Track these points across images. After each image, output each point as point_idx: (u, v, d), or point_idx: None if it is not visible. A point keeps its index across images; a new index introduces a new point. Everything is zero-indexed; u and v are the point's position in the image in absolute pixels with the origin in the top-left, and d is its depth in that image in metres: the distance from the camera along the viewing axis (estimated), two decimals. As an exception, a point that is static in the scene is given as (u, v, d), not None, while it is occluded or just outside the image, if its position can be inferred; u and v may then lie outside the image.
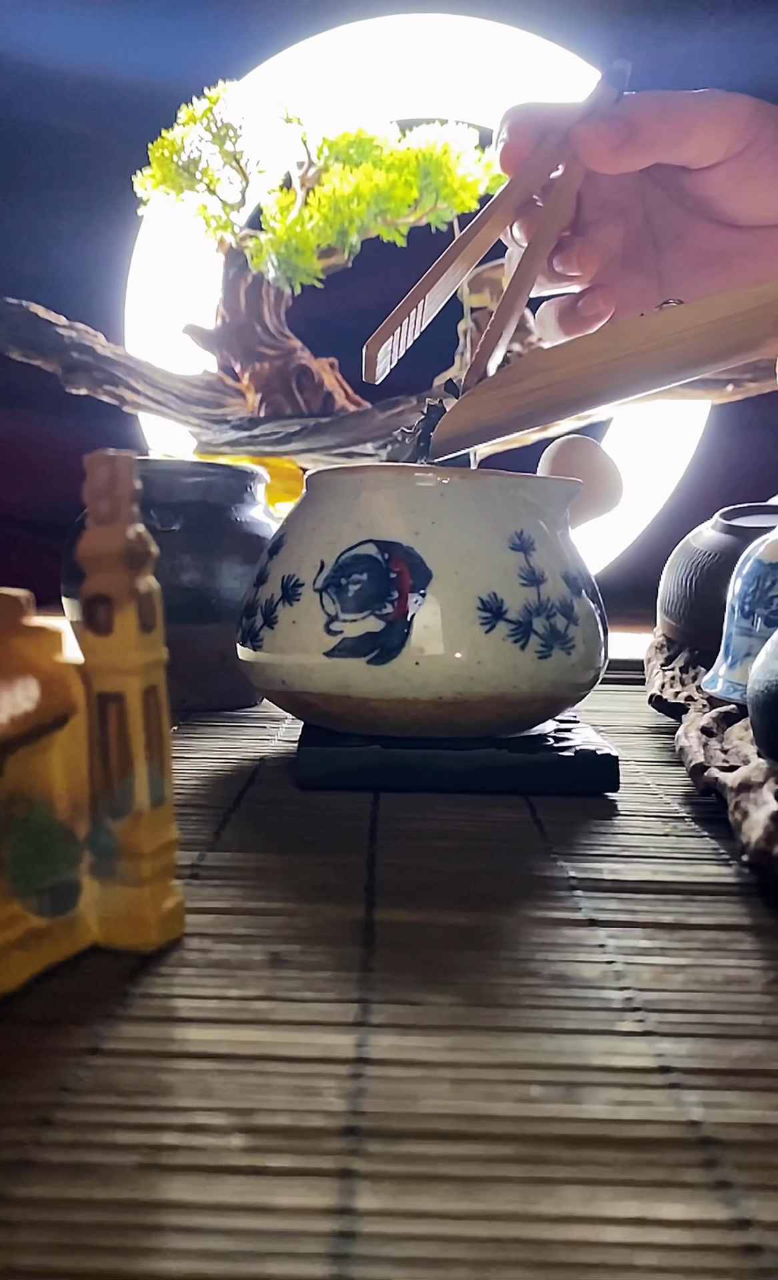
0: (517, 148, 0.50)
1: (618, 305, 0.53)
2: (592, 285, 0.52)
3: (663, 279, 0.54)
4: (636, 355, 0.44)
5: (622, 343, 0.44)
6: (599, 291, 0.52)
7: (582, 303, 0.53)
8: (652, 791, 0.46)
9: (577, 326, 0.53)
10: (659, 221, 0.53)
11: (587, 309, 0.52)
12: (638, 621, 1.18)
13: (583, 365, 0.44)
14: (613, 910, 0.31)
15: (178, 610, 0.61)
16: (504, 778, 0.44)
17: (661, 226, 0.53)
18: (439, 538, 0.43)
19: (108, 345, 1.14)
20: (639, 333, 0.44)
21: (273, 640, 0.45)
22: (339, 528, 0.44)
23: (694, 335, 0.43)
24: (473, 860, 0.35)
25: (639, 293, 0.54)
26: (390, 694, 0.43)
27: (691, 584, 0.66)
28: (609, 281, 0.53)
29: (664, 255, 0.54)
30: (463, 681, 0.43)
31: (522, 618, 0.43)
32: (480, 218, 0.50)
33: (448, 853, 0.36)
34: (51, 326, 1.14)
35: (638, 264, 0.54)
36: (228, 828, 0.39)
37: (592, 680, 0.46)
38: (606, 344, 0.44)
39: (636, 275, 0.54)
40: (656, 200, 0.53)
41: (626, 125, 0.47)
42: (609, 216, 0.52)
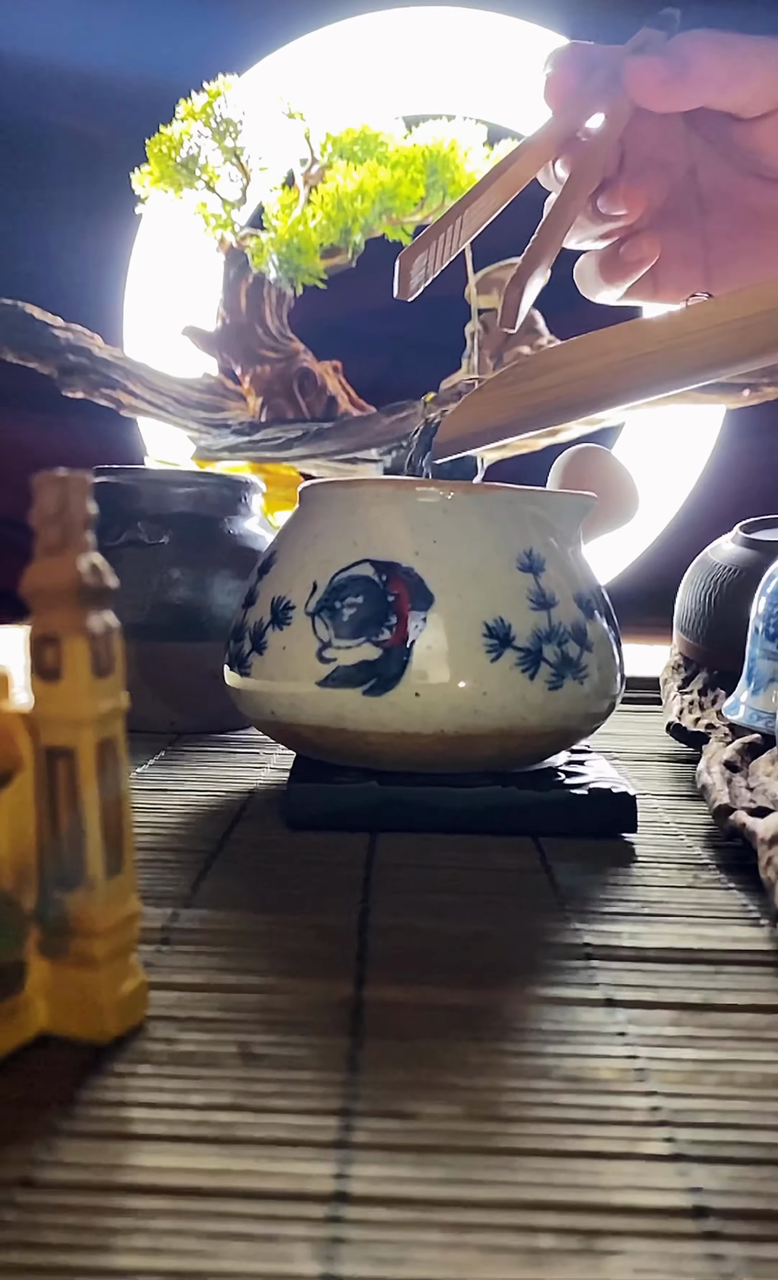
0: (562, 80, 0.46)
1: (659, 263, 0.49)
2: (635, 230, 0.49)
3: (707, 238, 0.50)
4: (658, 353, 0.41)
5: (644, 339, 0.40)
6: (644, 235, 0.48)
7: (625, 247, 0.49)
8: (672, 832, 0.42)
9: (619, 274, 0.49)
10: (704, 178, 0.50)
11: (630, 254, 0.49)
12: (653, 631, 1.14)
13: (600, 363, 0.40)
14: (633, 986, 0.28)
15: (167, 628, 0.58)
16: (511, 818, 0.40)
17: (706, 183, 0.50)
18: (442, 557, 0.40)
19: (105, 347, 1.11)
20: (663, 328, 0.40)
21: (262, 667, 0.42)
22: (334, 546, 0.41)
23: (724, 332, 0.40)
24: (477, 920, 0.32)
25: (682, 251, 0.50)
26: (388, 727, 0.39)
27: (709, 600, 0.63)
28: (656, 228, 0.49)
29: (709, 213, 0.50)
30: (467, 714, 0.39)
31: (531, 645, 0.39)
32: (519, 149, 0.46)
33: (449, 910, 0.33)
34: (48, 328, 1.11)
35: (682, 221, 0.50)
36: (208, 877, 0.35)
37: (607, 710, 0.43)
38: (626, 340, 0.40)
39: (680, 231, 0.50)
40: (701, 155, 0.49)
41: (679, 61, 0.44)
42: (653, 170, 0.49)
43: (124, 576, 0.57)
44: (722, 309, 0.39)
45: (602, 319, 0.51)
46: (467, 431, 0.42)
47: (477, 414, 0.41)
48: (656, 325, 0.40)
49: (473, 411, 0.41)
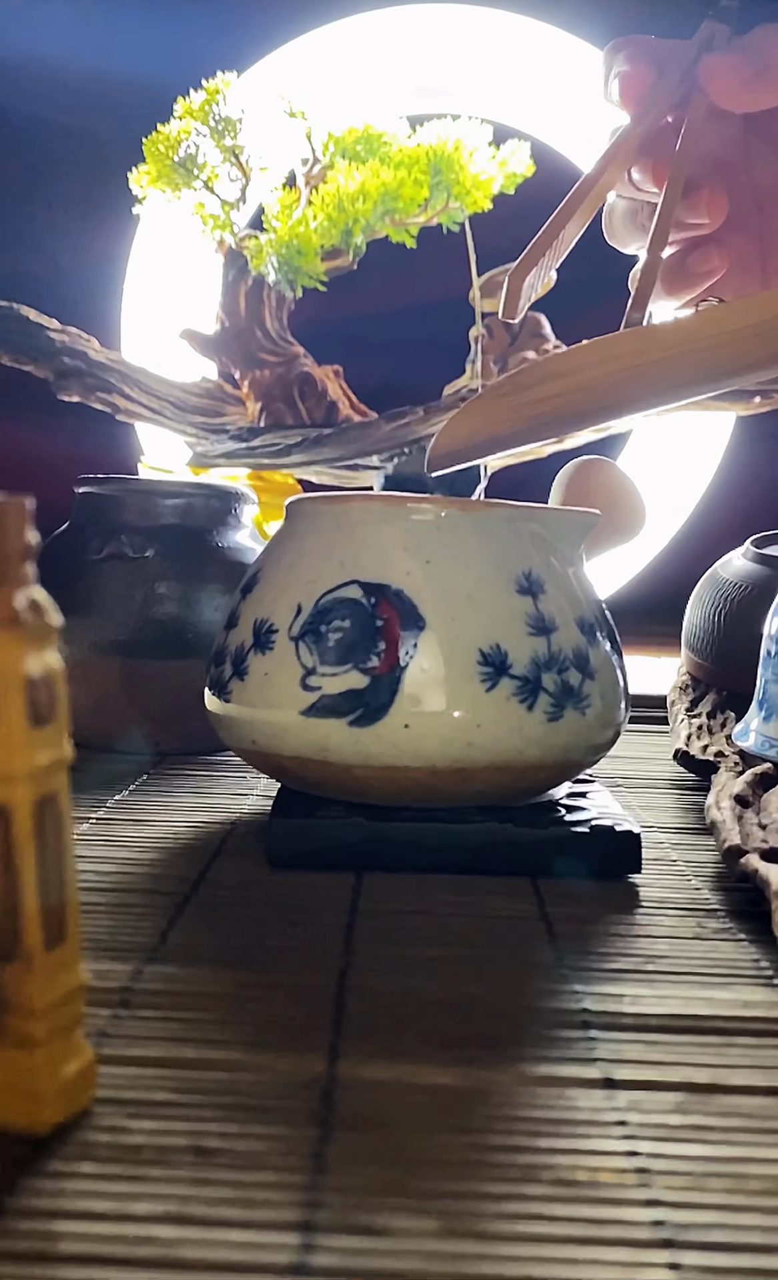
0: (638, 79, 0.44)
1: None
2: (703, 239, 0.46)
3: (765, 241, 0.48)
4: (667, 360, 0.38)
5: (652, 345, 0.38)
6: (713, 245, 0.46)
7: (692, 257, 0.46)
8: (678, 870, 0.39)
9: (685, 285, 0.46)
10: (764, 181, 0.47)
11: (698, 264, 0.46)
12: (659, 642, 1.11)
13: (607, 370, 0.38)
14: (634, 1062, 0.25)
15: (152, 645, 0.55)
16: (508, 857, 0.38)
17: (765, 186, 0.47)
18: (434, 579, 0.37)
19: (101, 350, 1.09)
20: (673, 335, 0.38)
21: (243, 693, 0.39)
22: (319, 565, 0.38)
23: (737, 338, 0.37)
24: (467, 979, 0.29)
25: (740, 254, 0.48)
26: (376, 761, 0.37)
27: (719, 618, 0.60)
28: (722, 236, 0.47)
29: (767, 215, 0.48)
30: (460, 747, 0.37)
31: (529, 673, 0.37)
32: (605, 159, 0.44)
33: (437, 967, 0.30)
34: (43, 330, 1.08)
35: (739, 224, 0.48)
36: (179, 925, 0.33)
37: (610, 740, 0.40)
38: (632, 347, 0.38)
39: (738, 235, 0.48)
40: (759, 154, 0.47)
41: (760, 56, 0.42)
42: (713, 173, 0.46)
43: (107, 592, 0.55)
44: (734, 314, 0.37)
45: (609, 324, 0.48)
46: (462, 444, 0.39)
47: (473, 425, 0.39)
48: (664, 331, 0.38)
49: (469, 423, 0.39)
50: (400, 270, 1.15)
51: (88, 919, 0.33)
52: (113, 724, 0.56)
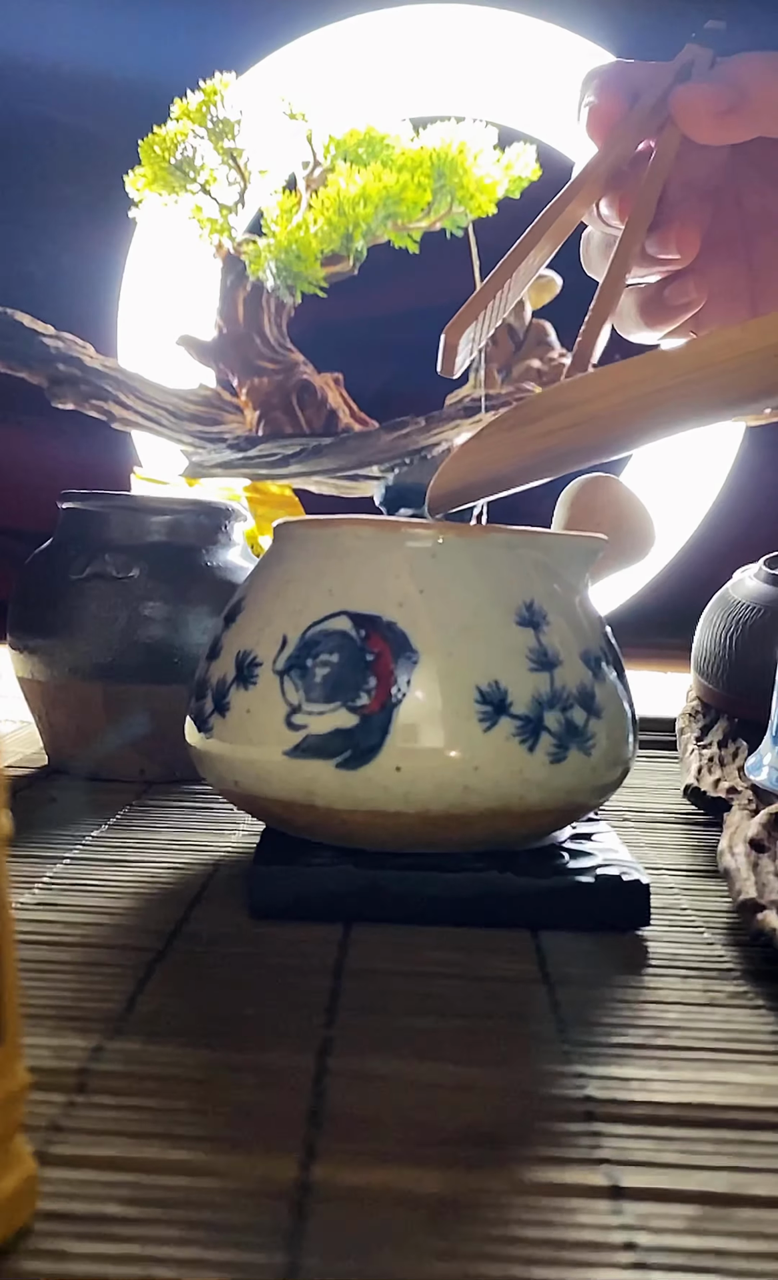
0: (607, 110, 0.42)
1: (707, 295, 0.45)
2: (681, 270, 0.44)
3: (753, 268, 0.46)
4: (681, 387, 0.36)
5: (664, 372, 0.35)
6: (690, 277, 0.44)
7: (669, 290, 0.44)
8: (689, 920, 0.37)
9: (662, 318, 0.45)
10: (751, 204, 0.45)
11: (675, 297, 0.44)
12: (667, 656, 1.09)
13: (615, 400, 0.35)
14: (643, 1165, 0.22)
15: (136, 669, 0.53)
16: (507, 908, 0.35)
17: (752, 209, 0.45)
18: (429, 610, 0.35)
19: (97, 357, 1.06)
20: (686, 360, 0.35)
21: (224, 730, 0.37)
22: (307, 594, 0.36)
23: (756, 360, 0.35)
24: (459, 1058, 0.27)
25: (727, 282, 0.46)
26: (365, 805, 0.34)
27: (730, 641, 0.58)
28: (700, 267, 0.45)
29: (756, 241, 0.46)
30: (456, 792, 0.34)
31: (530, 712, 0.34)
32: (568, 191, 0.42)
33: (428, 1041, 0.27)
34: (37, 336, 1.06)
35: (727, 250, 0.46)
36: (148, 987, 0.30)
37: (617, 780, 0.38)
38: (643, 374, 0.35)
39: (724, 262, 0.46)
40: (747, 180, 0.45)
41: (734, 89, 0.40)
42: (697, 197, 0.44)
43: (89, 612, 0.52)
44: (751, 336, 0.34)
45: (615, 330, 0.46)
46: (464, 483, 0.37)
47: (474, 462, 0.36)
48: (678, 356, 0.35)
49: (470, 460, 0.36)
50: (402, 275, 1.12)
51: (53, 980, 0.30)
52: (95, 750, 0.54)
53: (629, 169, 0.43)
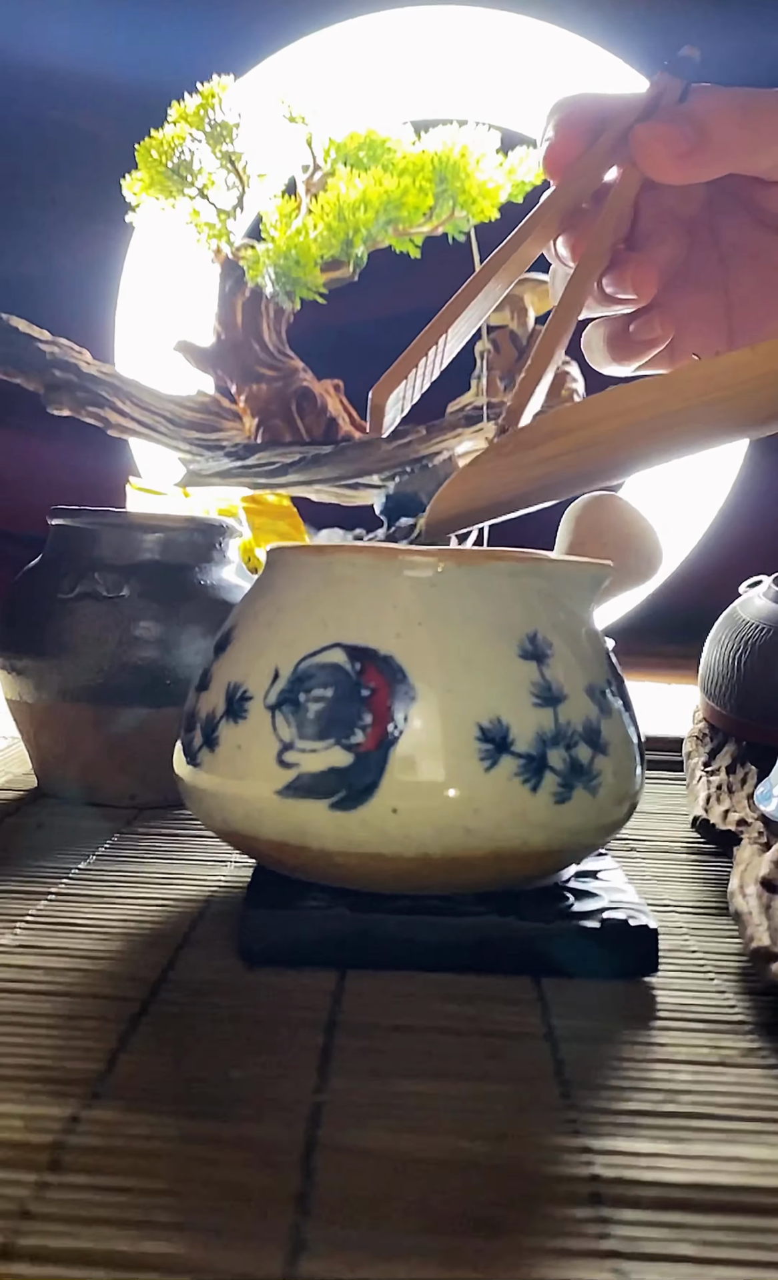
0: (564, 148, 0.41)
1: (679, 329, 0.45)
2: (647, 306, 0.43)
3: (731, 298, 0.45)
4: (690, 410, 0.34)
5: (671, 395, 0.34)
6: (656, 313, 0.44)
7: (635, 326, 0.44)
8: (698, 965, 0.35)
9: (629, 353, 0.44)
10: (728, 234, 0.44)
11: (641, 333, 0.43)
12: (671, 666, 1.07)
13: (619, 424, 0.34)
14: (655, 1257, 0.21)
15: (127, 691, 0.51)
16: (509, 954, 0.34)
17: (728, 239, 0.44)
18: (428, 643, 0.33)
19: (93, 362, 1.05)
20: (693, 382, 0.34)
21: (214, 766, 0.35)
22: (300, 624, 0.34)
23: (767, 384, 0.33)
24: (458, 1128, 0.25)
25: (704, 313, 0.45)
26: (360, 848, 0.33)
27: (738, 662, 0.56)
28: (669, 302, 0.44)
29: (734, 272, 0.45)
30: (456, 834, 0.32)
31: (533, 750, 0.33)
32: (521, 230, 0.41)
33: (425, 1110, 0.26)
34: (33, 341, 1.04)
35: (703, 281, 0.45)
36: (131, 1045, 0.29)
37: (624, 817, 0.36)
38: (648, 398, 0.34)
39: (700, 294, 0.45)
40: (725, 210, 0.44)
41: (695, 129, 0.39)
42: (671, 228, 0.43)
43: (78, 633, 0.51)
44: (760, 359, 0.33)
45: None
46: (462, 509, 0.35)
47: (473, 488, 0.35)
48: (684, 380, 0.34)
49: (469, 485, 0.35)
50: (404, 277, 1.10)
51: (32, 1036, 0.29)
52: (84, 774, 0.52)
53: (591, 205, 0.42)
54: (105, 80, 1.30)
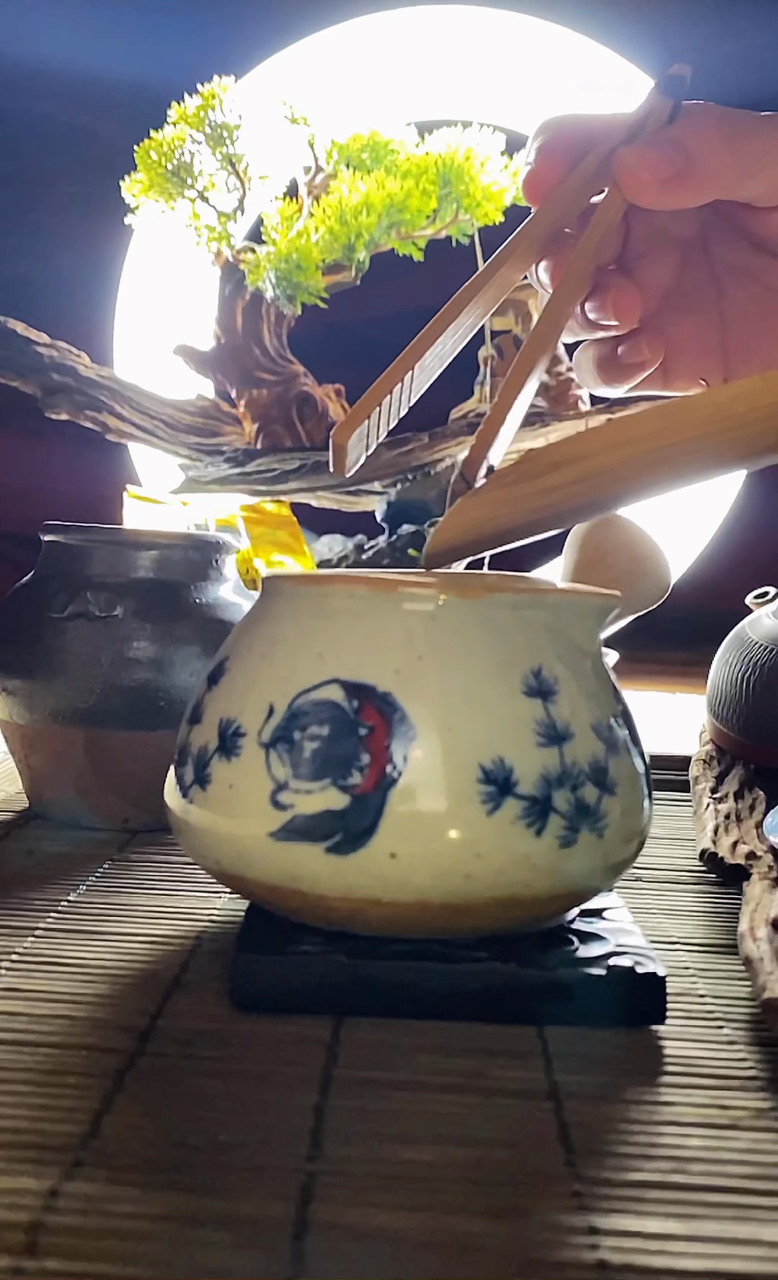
0: (544, 174, 0.40)
1: (670, 350, 0.44)
2: (636, 329, 0.43)
3: (725, 320, 0.44)
4: (697, 440, 0.33)
5: (677, 425, 0.33)
6: (644, 335, 0.43)
7: (623, 349, 0.43)
8: (707, 1011, 0.34)
9: (619, 376, 0.43)
10: (721, 255, 0.44)
11: (629, 356, 0.43)
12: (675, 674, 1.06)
13: (624, 454, 0.33)
14: None
15: (120, 714, 0.50)
16: (511, 1003, 0.32)
17: (722, 261, 0.44)
18: (428, 679, 0.32)
19: (91, 366, 1.03)
20: (702, 411, 0.33)
21: (206, 804, 0.34)
22: (296, 658, 0.33)
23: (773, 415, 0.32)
24: (458, 1204, 0.24)
25: (696, 335, 0.44)
26: (358, 893, 0.32)
27: (746, 684, 0.55)
28: (659, 324, 0.43)
29: (727, 293, 0.44)
30: (456, 880, 0.31)
31: (538, 791, 0.32)
32: (498, 256, 0.40)
33: (423, 1181, 0.25)
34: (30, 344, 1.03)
35: (695, 303, 0.44)
36: (116, 1104, 0.27)
37: (631, 857, 0.35)
38: (654, 427, 0.33)
39: (691, 315, 0.44)
40: (717, 231, 0.43)
41: (680, 154, 0.38)
42: (663, 249, 0.43)
43: (71, 653, 0.49)
44: (771, 386, 0.32)
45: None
46: (462, 540, 0.34)
47: (473, 519, 0.34)
48: (691, 409, 0.32)
49: (469, 516, 0.34)
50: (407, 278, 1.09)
51: (13, 1094, 0.28)
52: (75, 797, 0.51)
53: (575, 229, 0.41)
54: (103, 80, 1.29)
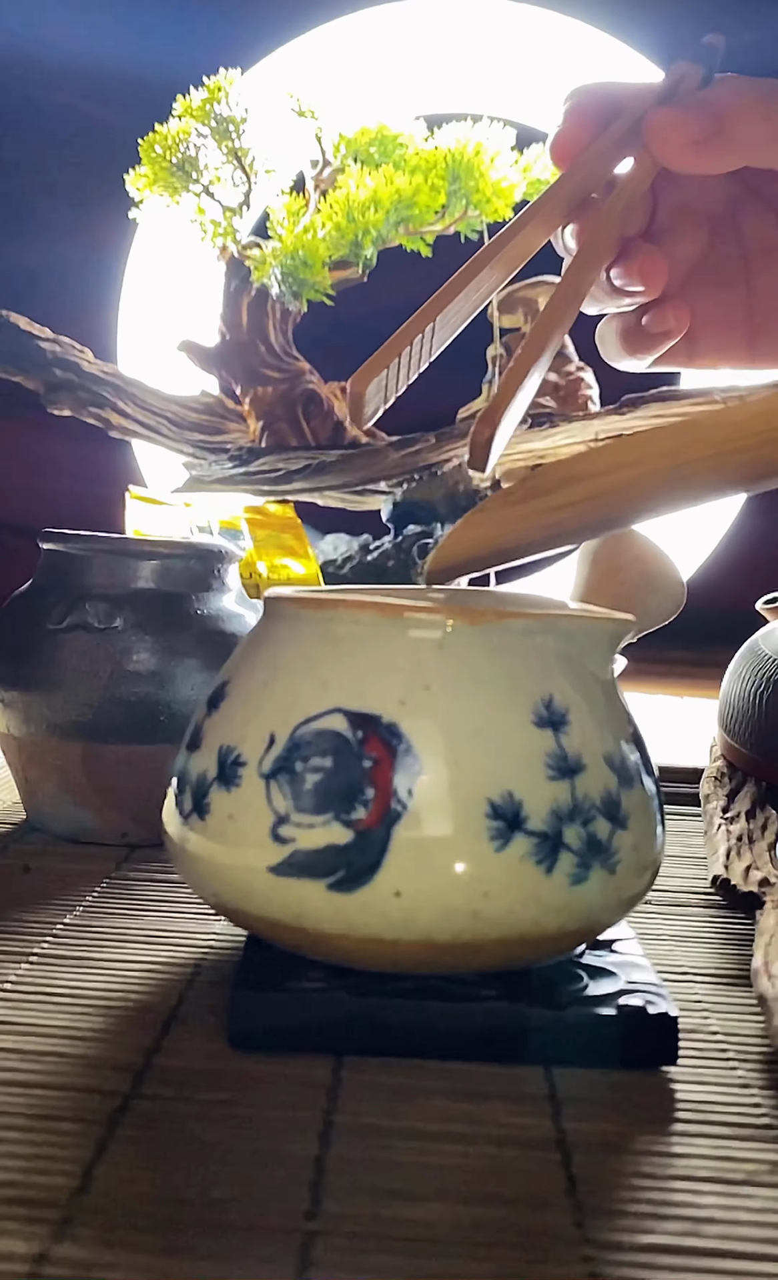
0: (573, 135, 0.39)
1: (696, 323, 0.43)
2: (660, 298, 0.41)
3: (754, 296, 0.43)
4: (715, 458, 0.32)
5: (692, 444, 0.32)
6: (670, 305, 0.41)
7: (648, 318, 0.41)
8: (720, 1050, 0.33)
9: (643, 346, 0.42)
10: (751, 231, 0.42)
11: (654, 325, 0.41)
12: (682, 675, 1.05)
13: (636, 473, 0.32)
14: None
15: (119, 728, 0.49)
16: (518, 1043, 0.31)
17: (750, 235, 0.42)
18: (435, 710, 0.31)
19: (94, 362, 1.02)
20: (720, 429, 0.32)
21: (204, 835, 0.33)
22: (298, 685, 0.32)
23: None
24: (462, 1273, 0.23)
25: (723, 310, 0.43)
26: (361, 931, 0.30)
27: (760, 699, 0.54)
28: (685, 296, 0.42)
29: (756, 270, 0.43)
30: (463, 919, 0.30)
31: (548, 827, 0.30)
32: (522, 218, 0.39)
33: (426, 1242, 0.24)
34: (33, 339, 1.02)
35: (723, 277, 0.43)
36: (109, 1153, 0.26)
37: (644, 889, 0.34)
38: (668, 445, 0.31)
39: (718, 290, 0.43)
40: (747, 206, 0.42)
41: (712, 117, 0.36)
42: (690, 221, 0.42)
43: (69, 665, 0.48)
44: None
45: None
46: (467, 557, 0.33)
47: (479, 535, 0.33)
48: (707, 427, 0.31)
49: (475, 533, 0.32)
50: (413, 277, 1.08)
51: (4, 1144, 0.27)
52: (73, 811, 0.50)
53: (601, 195, 0.40)
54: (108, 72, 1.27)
